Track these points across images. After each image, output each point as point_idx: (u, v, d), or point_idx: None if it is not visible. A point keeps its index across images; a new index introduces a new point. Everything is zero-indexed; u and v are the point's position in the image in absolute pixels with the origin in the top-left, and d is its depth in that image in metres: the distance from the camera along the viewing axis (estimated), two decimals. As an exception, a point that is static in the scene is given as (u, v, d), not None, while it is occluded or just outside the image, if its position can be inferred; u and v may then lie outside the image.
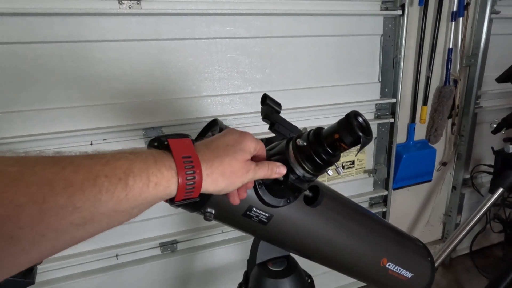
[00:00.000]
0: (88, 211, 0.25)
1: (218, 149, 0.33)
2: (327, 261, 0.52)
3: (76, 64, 0.91)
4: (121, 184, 0.27)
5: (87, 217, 0.25)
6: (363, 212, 0.55)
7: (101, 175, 0.26)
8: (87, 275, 1.06)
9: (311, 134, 0.37)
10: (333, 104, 1.22)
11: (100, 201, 0.26)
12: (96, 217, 0.26)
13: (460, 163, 1.60)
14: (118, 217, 0.28)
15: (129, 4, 0.90)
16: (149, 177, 0.28)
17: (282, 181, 0.37)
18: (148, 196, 0.29)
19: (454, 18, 1.35)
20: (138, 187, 0.28)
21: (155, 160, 0.29)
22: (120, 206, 0.27)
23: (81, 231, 0.26)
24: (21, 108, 0.89)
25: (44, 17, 0.84)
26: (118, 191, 0.26)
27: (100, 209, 0.26)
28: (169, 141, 0.31)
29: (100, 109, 0.96)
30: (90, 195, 0.25)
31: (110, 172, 0.27)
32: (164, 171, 0.29)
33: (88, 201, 0.25)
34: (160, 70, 1.00)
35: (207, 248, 1.20)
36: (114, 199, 0.26)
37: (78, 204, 0.25)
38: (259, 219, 0.41)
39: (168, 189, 0.30)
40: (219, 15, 1.00)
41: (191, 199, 0.32)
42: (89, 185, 0.25)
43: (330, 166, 0.38)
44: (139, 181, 0.28)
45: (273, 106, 0.48)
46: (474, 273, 1.62)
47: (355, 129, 0.33)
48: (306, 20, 1.11)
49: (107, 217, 0.27)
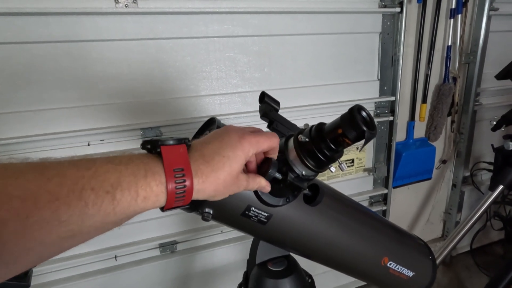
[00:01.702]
0: (75, 225, 0.25)
1: (213, 160, 0.32)
2: (327, 260, 0.51)
3: (73, 64, 0.90)
4: (108, 198, 0.26)
5: (74, 230, 0.25)
6: (364, 210, 0.54)
7: (87, 188, 0.25)
8: (85, 276, 1.05)
9: (313, 130, 0.36)
10: (332, 103, 1.22)
11: (87, 214, 0.25)
12: (84, 229, 0.25)
13: (460, 160, 1.59)
14: (106, 227, 0.28)
15: (125, 3, 0.89)
16: (138, 191, 0.27)
17: (281, 179, 0.36)
18: (137, 209, 0.28)
19: (452, 15, 1.34)
20: (126, 201, 0.27)
21: (146, 174, 0.28)
22: (108, 218, 0.26)
23: (69, 242, 0.25)
24: (18, 109, 0.88)
25: (40, 17, 0.83)
26: (105, 205, 0.26)
27: (87, 222, 0.25)
28: (162, 149, 0.30)
29: (97, 110, 0.96)
30: (76, 209, 0.24)
31: (97, 185, 0.25)
32: (154, 186, 0.28)
33: (74, 215, 0.24)
34: (158, 69, 0.99)
35: (207, 248, 1.19)
36: (101, 212, 0.26)
37: (63, 217, 0.24)
38: (258, 219, 0.40)
39: (157, 202, 0.29)
40: (217, 13, 0.99)
41: (180, 207, 0.31)
42: (74, 198, 0.24)
43: (333, 163, 0.37)
44: (128, 195, 0.27)
45: (271, 104, 0.47)
46: (475, 271, 1.62)
47: (359, 123, 0.32)
48: (304, 18, 1.10)
49: (95, 229, 0.26)
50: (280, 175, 0.36)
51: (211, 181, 0.31)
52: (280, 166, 0.36)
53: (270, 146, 0.36)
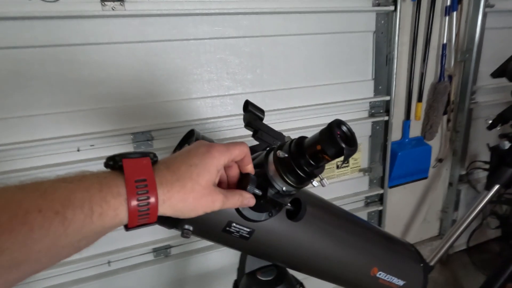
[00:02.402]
0: (20, 252, 0.23)
1: (180, 170, 0.30)
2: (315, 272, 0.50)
3: (60, 69, 0.88)
4: (57, 219, 0.24)
5: (20, 258, 0.23)
6: (352, 219, 0.53)
7: (33, 210, 0.23)
8: (78, 283, 1.04)
9: (293, 145, 0.35)
10: (326, 103, 1.20)
11: (33, 239, 0.23)
12: (32, 256, 0.24)
13: (456, 159, 1.58)
14: (60, 252, 0.25)
15: (112, 6, 0.87)
16: (92, 208, 0.25)
17: (261, 196, 0.35)
18: (94, 228, 0.26)
19: (448, 13, 1.33)
20: (79, 220, 0.25)
21: (101, 188, 0.26)
22: (60, 241, 0.24)
23: (15, 273, 0.23)
24: (4, 115, 0.86)
25: (24, 21, 0.81)
26: (54, 227, 0.24)
27: (34, 247, 0.23)
28: (123, 162, 0.28)
29: (86, 114, 0.94)
30: (19, 235, 0.22)
31: (45, 206, 0.24)
32: (110, 199, 0.26)
33: (17, 242, 0.22)
34: (147, 72, 0.97)
35: (201, 252, 1.18)
36: (50, 235, 0.24)
37: (5, 245, 0.22)
38: (240, 234, 0.39)
39: (117, 217, 0.27)
40: (207, 15, 0.97)
41: (147, 224, 0.29)
42: (17, 223, 0.22)
43: (314, 178, 0.36)
44: (80, 213, 0.25)
45: (255, 112, 0.45)
46: (472, 269, 1.61)
47: (338, 140, 0.31)
48: (296, 18, 1.08)
49: (46, 254, 0.24)
50: (259, 191, 0.35)
51: (177, 190, 0.29)
52: (260, 181, 0.35)
53: (241, 152, 0.34)
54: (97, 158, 0.97)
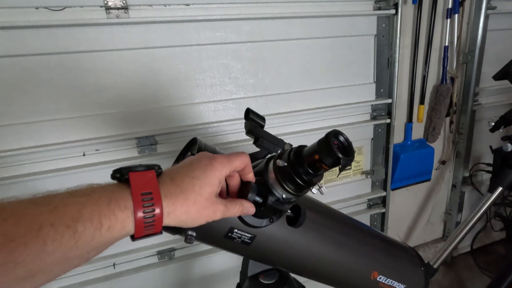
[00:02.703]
0: (34, 264, 0.24)
1: (183, 183, 0.31)
2: (316, 276, 0.51)
3: (65, 76, 0.90)
4: (69, 232, 0.25)
5: (34, 270, 0.24)
6: (352, 223, 0.54)
7: (46, 225, 0.24)
8: (84, 285, 1.06)
9: (292, 154, 0.36)
10: (328, 107, 1.21)
11: (46, 252, 0.24)
12: (45, 267, 0.25)
13: (459, 161, 1.58)
14: (71, 262, 0.27)
15: (117, 14, 0.89)
16: (101, 221, 0.26)
17: (262, 203, 0.36)
18: (103, 240, 0.27)
19: (449, 15, 1.33)
20: (89, 233, 0.26)
21: (109, 201, 0.27)
22: (70, 253, 0.26)
23: (29, 283, 0.25)
24: (12, 121, 0.88)
25: (31, 30, 0.83)
26: (66, 240, 0.25)
27: (47, 260, 0.24)
28: (130, 175, 0.29)
29: (91, 120, 0.96)
30: (33, 248, 0.24)
31: (57, 220, 0.25)
32: (118, 212, 0.27)
33: (31, 255, 0.24)
34: (151, 78, 0.99)
35: (205, 254, 1.19)
36: (62, 248, 0.25)
37: (20, 259, 0.23)
38: (242, 240, 0.40)
39: (124, 229, 0.28)
40: (209, 21, 0.99)
41: (153, 235, 0.30)
42: (32, 237, 0.24)
43: (312, 186, 0.37)
44: (90, 226, 0.26)
45: (256, 120, 0.46)
46: (476, 272, 1.60)
47: (335, 150, 0.32)
48: (298, 23, 1.09)
49: (58, 265, 0.26)
50: (260, 198, 0.36)
51: (181, 202, 0.30)
52: (260, 189, 0.36)
53: (242, 163, 0.35)
54: (103, 162, 0.99)
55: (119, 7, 0.89)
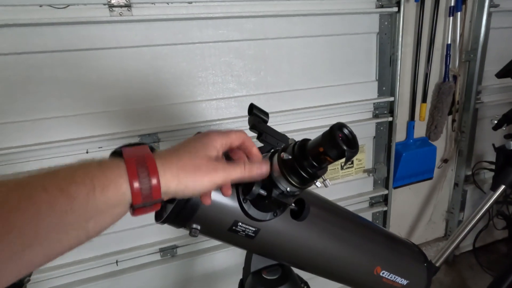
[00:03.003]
0: (29, 229, 0.24)
1: (178, 151, 0.31)
2: (319, 271, 0.51)
3: (69, 73, 0.90)
4: (63, 196, 0.25)
5: (30, 235, 0.24)
6: (354, 219, 0.54)
7: (39, 189, 0.24)
8: (87, 282, 1.07)
9: (296, 147, 0.36)
10: (330, 105, 1.21)
11: (40, 216, 0.24)
12: (41, 234, 0.24)
13: (462, 159, 1.58)
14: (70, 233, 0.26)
15: (119, 11, 0.89)
16: (93, 182, 0.26)
17: (266, 196, 0.36)
18: (98, 204, 0.26)
19: (452, 13, 1.32)
20: (83, 195, 0.25)
21: (100, 165, 0.27)
22: (67, 218, 0.25)
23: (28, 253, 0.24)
24: (16, 119, 0.89)
25: (35, 27, 0.84)
26: (60, 203, 0.25)
27: (42, 224, 0.24)
28: (123, 149, 0.30)
29: (94, 117, 0.96)
30: (27, 212, 0.23)
31: (50, 184, 0.25)
32: (109, 173, 0.27)
33: (26, 219, 0.23)
34: (154, 76, 0.99)
35: (207, 252, 1.20)
36: (57, 211, 0.24)
37: (15, 223, 0.23)
38: (246, 234, 0.40)
39: (120, 192, 0.27)
40: (211, 19, 0.99)
41: (154, 201, 0.29)
42: (25, 202, 0.24)
43: (317, 179, 0.37)
44: (83, 188, 0.25)
45: (260, 115, 0.47)
46: (478, 270, 1.60)
47: (339, 142, 0.32)
48: (300, 20, 1.09)
49: (56, 233, 0.25)
50: (264, 191, 0.36)
51: (175, 161, 0.30)
52: (265, 182, 0.36)
53: (238, 137, 0.35)
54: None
55: (122, 5, 0.89)
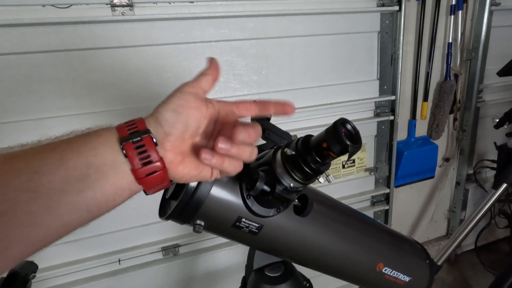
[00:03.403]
0: (28, 174, 0.25)
1: (161, 105, 0.32)
2: (321, 267, 0.51)
3: (71, 73, 0.91)
4: (56, 156, 0.27)
5: (34, 185, 0.25)
6: (357, 216, 0.54)
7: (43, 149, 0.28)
8: (90, 280, 1.07)
9: (299, 143, 0.36)
10: (331, 104, 1.21)
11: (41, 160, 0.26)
12: (43, 184, 0.26)
13: (463, 158, 1.58)
14: (74, 197, 0.26)
15: (122, 11, 0.90)
16: (86, 140, 0.28)
17: (269, 192, 0.36)
18: (96, 170, 0.27)
19: (453, 12, 1.32)
20: (76, 148, 0.27)
21: (95, 132, 0.29)
22: (59, 172, 0.26)
23: (32, 205, 0.25)
24: (19, 118, 0.89)
25: (38, 27, 0.84)
26: (56, 157, 0.27)
27: (39, 169, 0.26)
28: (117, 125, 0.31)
29: (97, 116, 0.97)
30: (27, 157, 0.27)
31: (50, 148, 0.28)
32: (102, 133, 0.29)
33: (26, 164, 0.26)
34: (156, 75, 0.99)
35: (209, 251, 1.20)
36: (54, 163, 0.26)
37: (17, 166, 0.26)
38: (249, 230, 0.41)
39: (113, 154, 0.28)
40: (213, 18, 0.99)
41: (140, 132, 0.29)
42: (24, 151, 0.28)
43: (320, 175, 0.37)
44: (76, 144, 0.28)
45: (263, 113, 0.47)
46: (480, 269, 1.60)
47: (343, 137, 0.33)
48: (301, 20, 1.09)
49: (61, 192, 0.26)
50: (268, 187, 0.36)
51: (161, 106, 0.31)
52: (268, 178, 0.37)
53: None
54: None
55: (124, 5, 0.89)
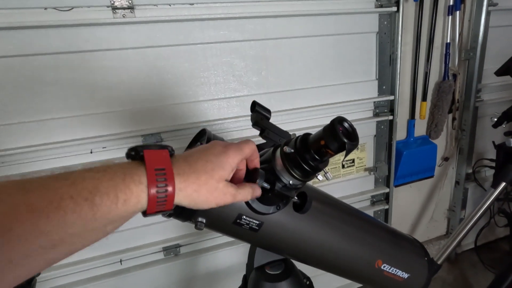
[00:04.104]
0: (56, 234, 0.25)
1: (197, 164, 0.33)
2: (321, 264, 0.52)
3: (73, 74, 0.92)
4: (87, 204, 0.26)
5: (56, 240, 0.26)
6: (356, 214, 0.55)
7: (66, 197, 0.26)
8: (92, 281, 1.08)
9: (298, 141, 0.37)
10: (330, 104, 1.22)
11: (66, 223, 0.26)
12: (66, 238, 0.26)
13: (462, 157, 1.58)
14: (91, 235, 0.28)
15: (123, 13, 0.91)
16: (117, 195, 0.28)
17: (269, 189, 0.37)
18: (119, 213, 0.28)
19: (450, 12, 1.34)
20: (106, 206, 0.27)
21: (124, 177, 0.29)
22: (90, 225, 0.27)
23: (52, 253, 0.26)
24: (21, 119, 0.90)
25: (40, 30, 0.85)
26: (84, 212, 0.26)
27: (68, 230, 0.26)
28: (145, 153, 0.31)
29: (98, 118, 0.98)
30: (55, 219, 0.25)
31: (76, 193, 0.26)
32: (133, 187, 0.29)
33: (53, 225, 0.25)
34: (156, 76, 1.00)
35: (210, 251, 1.21)
36: (81, 219, 0.26)
37: (43, 228, 0.25)
38: (249, 227, 0.41)
39: (139, 204, 0.29)
40: (213, 19, 1.00)
41: (164, 212, 0.31)
42: (53, 208, 0.25)
43: (319, 172, 0.38)
44: (106, 199, 0.27)
45: (262, 112, 0.48)
46: (480, 268, 1.60)
47: (340, 135, 0.33)
48: (300, 21, 1.11)
49: (79, 236, 0.27)
50: (268, 185, 0.37)
51: (192, 181, 0.32)
52: (268, 176, 0.37)
53: (251, 150, 0.37)
54: (110, 159, 1.00)
55: (125, 7, 0.91)
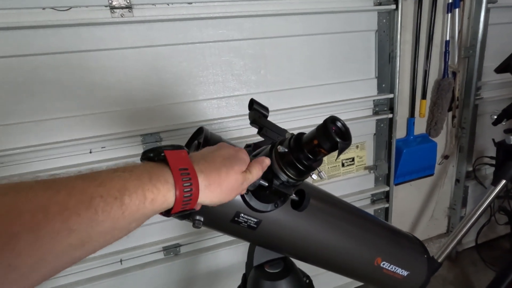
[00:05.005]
0: (85, 232, 0.26)
1: (215, 161, 0.34)
2: (320, 262, 0.52)
3: (72, 74, 0.92)
4: (117, 203, 0.27)
5: (85, 238, 0.26)
6: (355, 211, 0.55)
7: (96, 196, 0.26)
8: (92, 280, 1.08)
9: (292, 141, 0.37)
10: (330, 102, 1.22)
11: (97, 221, 0.26)
12: (95, 237, 0.27)
13: (463, 155, 1.58)
14: (117, 233, 0.29)
15: (121, 13, 0.91)
16: (145, 194, 0.29)
17: (267, 186, 0.37)
18: (146, 212, 0.29)
19: (450, 10, 1.33)
20: (135, 204, 0.28)
21: (150, 177, 0.30)
22: (118, 223, 0.28)
23: (79, 251, 0.26)
24: (20, 120, 0.90)
25: (38, 30, 0.85)
26: (114, 210, 0.27)
27: (97, 229, 0.26)
28: (166, 153, 0.32)
29: (97, 118, 0.98)
30: (85, 217, 0.26)
31: (105, 192, 0.27)
32: (159, 186, 0.30)
33: (84, 223, 0.25)
34: (155, 76, 1.00)
35: (210, 250, 1.21)
36: (110, 218, 0.27)
37: (74, 226, 0.25)
38: (247, 225, 0.41)
39: (165, 203, 0.30)
40: (211, 18, 1.00)
41: (187, 211, 0.32)
42: (84, 207, 0.26)
43: (312, 171, 0.38)
44: (135, 198, 0.28)
45: (260, 110, 0.48)
46: (481, 266, 1.60)
47: (332, 135, 0.33)
48: (298, 19, 1.10)
49: (106, 235, 0.27)
50: (265, 182, 0.37)
51: (214, 177, 0.33)
52: (266, 173, 0.37)
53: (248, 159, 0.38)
54: (109, 159, 1.00)
55: (123, 7, 0.90)
